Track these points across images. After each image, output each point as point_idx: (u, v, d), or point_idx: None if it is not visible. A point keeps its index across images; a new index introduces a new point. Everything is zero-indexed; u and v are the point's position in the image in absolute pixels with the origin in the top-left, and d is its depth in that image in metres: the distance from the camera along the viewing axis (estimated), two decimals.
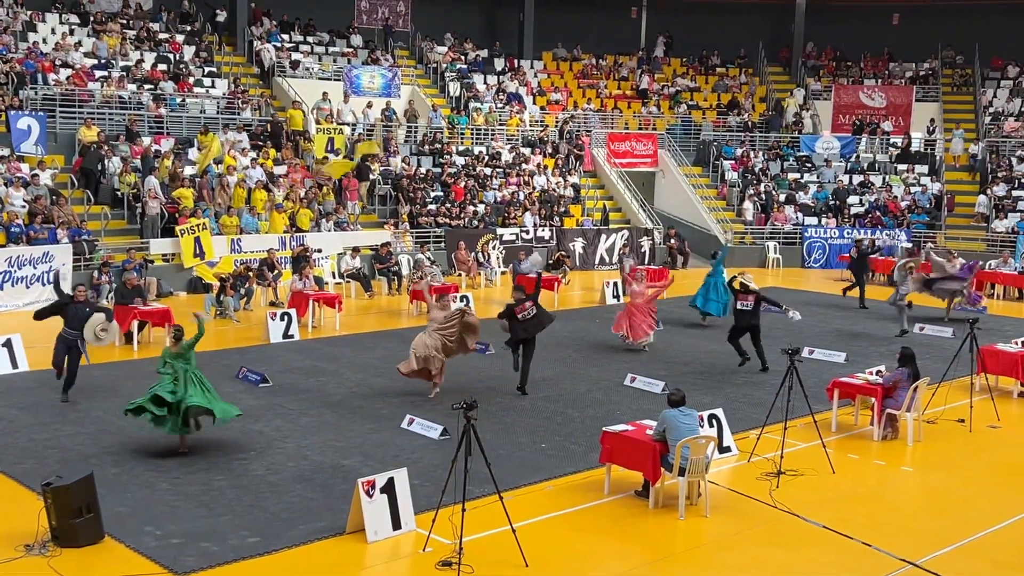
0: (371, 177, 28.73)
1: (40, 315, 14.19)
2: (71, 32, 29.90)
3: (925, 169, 34.67)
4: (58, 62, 27.96)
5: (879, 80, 38.95)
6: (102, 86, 27.75)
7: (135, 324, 17.44)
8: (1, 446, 11.65)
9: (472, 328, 14.35)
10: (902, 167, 34.88)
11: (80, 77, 27.57)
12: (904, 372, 12.88)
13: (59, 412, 13.04)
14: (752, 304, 16.31)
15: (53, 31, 29.67)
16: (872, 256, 24.99)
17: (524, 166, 32.27)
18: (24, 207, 22.47)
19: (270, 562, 8.81)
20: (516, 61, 38.42)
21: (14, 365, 15.38)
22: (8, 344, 15.44)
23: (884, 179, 34.37)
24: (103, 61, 29.07)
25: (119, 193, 24.68)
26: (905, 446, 12.71)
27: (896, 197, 33.05)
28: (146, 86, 28.67)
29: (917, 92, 37.54)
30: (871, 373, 13.79)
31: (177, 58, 30.85)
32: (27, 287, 20.72)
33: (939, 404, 14.13)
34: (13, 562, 8.60)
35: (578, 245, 29.70)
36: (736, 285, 16.79)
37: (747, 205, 32.80)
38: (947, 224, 32.21)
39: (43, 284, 20.87)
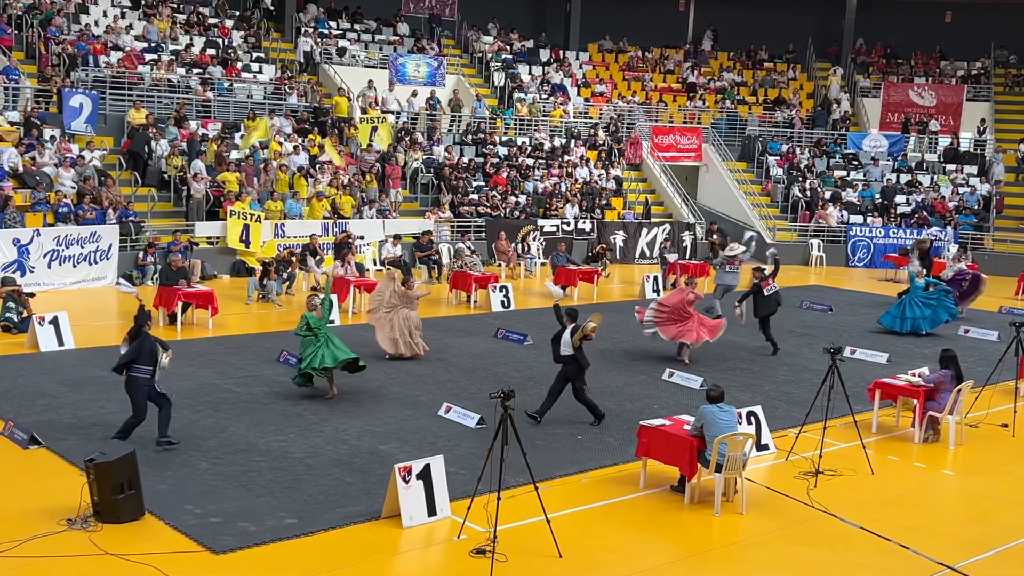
0: (411, 164, 28.84)
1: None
2: (122, 15, 30.27)
3: (974, 170, 34.13)
4: (109, 44, 28.32)
5: (930, 78, 38.35)
6: (151, 69, 28.08)
7: (179, 305, 17.70)
8: (46, 421, 11.86)
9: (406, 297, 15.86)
10: (951, 167, 34.36)
11: (130, 60, 27.90)
12: (947, 374, 12.73)
13: (103, 390, 13.18)
14: (775, 287, 16.76)
15: (105, 14, 30.05)
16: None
17: (566, 157, 32.20)
18: (73, 188, 22.84)
19: (306, 544, 8.90)
20: (562, 52, 38.31)
21: (60, 343, 15.65)
22: (55, 322, 15.72)
23: (932, 179, 33.87)
24: (153, 45, 29.41)
25: (166, 176, 25.00)
26: (946, 449, 12.57)
27: (944, 197, 32.58)
28: (195, 70, 28.97)
29: (968, 91, 36.94)
30: (913, 374, 13.63)
31: (226, 43, 31.14)
32: (74, 266, 21.06)
33: (982, 408, 13.94)
34: (55, 535, 8.76)
35: (619, 238, 29.59)
36: (754, 277, 17.18)
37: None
38: (995, 226, 31.72)
39: (90, 264, 21.23)
